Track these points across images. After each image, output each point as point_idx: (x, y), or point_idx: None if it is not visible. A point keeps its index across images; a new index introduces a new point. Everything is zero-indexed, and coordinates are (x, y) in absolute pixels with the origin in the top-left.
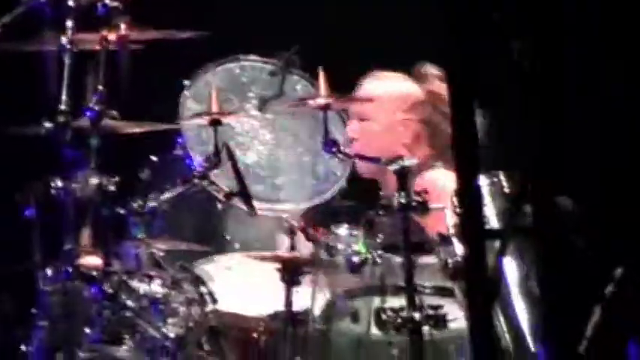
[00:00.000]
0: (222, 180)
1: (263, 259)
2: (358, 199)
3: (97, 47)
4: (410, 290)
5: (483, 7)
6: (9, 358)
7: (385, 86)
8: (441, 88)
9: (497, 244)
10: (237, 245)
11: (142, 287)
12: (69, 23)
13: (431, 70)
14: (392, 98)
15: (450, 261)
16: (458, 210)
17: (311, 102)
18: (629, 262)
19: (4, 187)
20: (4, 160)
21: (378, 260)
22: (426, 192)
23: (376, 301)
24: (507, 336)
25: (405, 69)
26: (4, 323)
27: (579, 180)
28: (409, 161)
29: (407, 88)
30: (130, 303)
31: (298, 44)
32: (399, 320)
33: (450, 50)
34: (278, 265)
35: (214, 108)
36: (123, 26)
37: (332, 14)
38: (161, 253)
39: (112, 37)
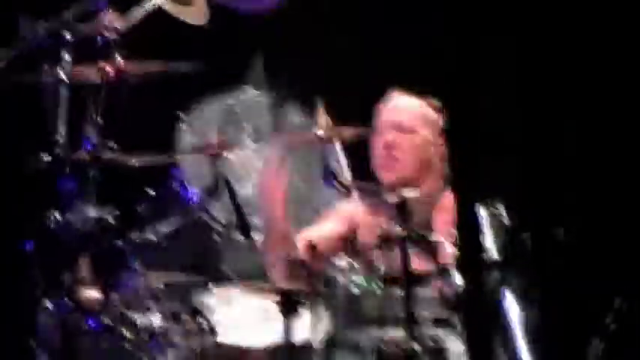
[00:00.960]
0: (220, 212)
1: (262, 291)
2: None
3: (95, 80)
4: (409, 322)
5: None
6: None
7: (417, 104)
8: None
9: (496, 276)
10: (234, 277)
11: (140, 320)
12: (66, 56)
13: (437, 104)
14: (427, 119)
15: (448, 292)
16: (458, 239)
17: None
18: (628, 293)
19: (8, 220)
20: (6, 192)
21: (379, 292)
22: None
23: (376, 333)
24: None
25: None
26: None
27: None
28: (410, 192)
29: (432, 113)
30: (129, 336)
31: (294, 80)
32: (399, 351)
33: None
34: (276, 297)
35: (213, 139)
36: (121, 59)
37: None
38: (160, 286)
39: (109, 69)
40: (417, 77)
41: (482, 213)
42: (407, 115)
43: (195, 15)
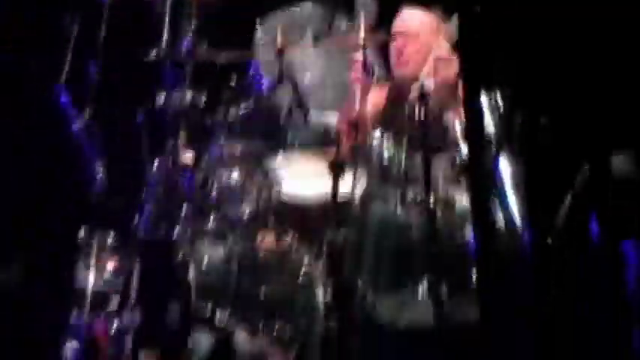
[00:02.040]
0: (285, 96)
1: (316, 156)
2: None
3: None
4: (427, 181)
5: None
6: (124, 224)
7: (425, 15)
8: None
9: (494, 146)
10: (296, 146)
11: (225, 176)
12: None
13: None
14: (432, 22)
15: (458, 159)
16: (465, 120)
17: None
18: (595, 162)
19: (122, 101)
20: (121, 80)
21: (404, 158)
22: None
23: (401, 189)
24: (501, 217)
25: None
26: (120, 204)
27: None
28: (428, 81)
29: (437, 23)
30: (215, 188)
31: None
32: (419, 203)
33: None
34: (327, 161)
35: (281, 41)
36: None
37: None
38: (239, 151)
39: None
40: None
41: (484, 100)
42: (413, 24)
43: None
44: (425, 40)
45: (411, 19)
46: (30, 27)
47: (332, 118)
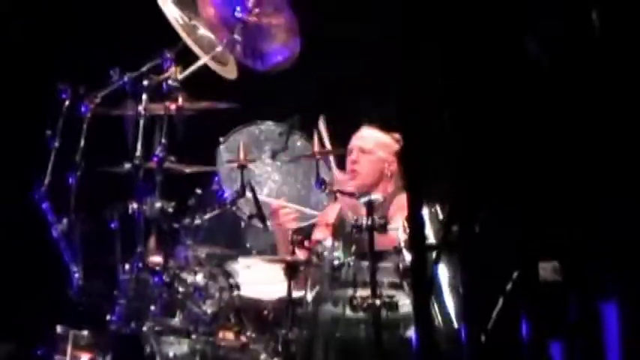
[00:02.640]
0: (246, 206)
1: (272, 261)
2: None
3: (162, 113)
4: (373, 284)
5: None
6: (98, 324)
7: (377, 134)
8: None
9: (433, 254)
10: (254, 251)
11: (189, 278)
12: (144, 96)
13: (399, 137)
14: (387, 142)
15: (401, 265)
16: (407, 230)
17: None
18: (525, 269)
19: (96, 208)
20: (97, 189)
21: (351, 264)
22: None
23: (350, 292)
24: (439, 318)
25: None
26: (94, 301)
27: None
28: (375, 196)
29: (391, 142)
30: (181, 289)
31: (298, 114)
32: (365, 305)
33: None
34: (282, 265)
35: (242, 157)
36: (180, 99)
37: (321, 92)
38: (203, 255)
39: (172, 106)
40: (386, 115)
41: (425, 210)
42: (367, 141)
43: (229, 71)
44: (376, 157)
45: (368, 137)
46: (17, 137)
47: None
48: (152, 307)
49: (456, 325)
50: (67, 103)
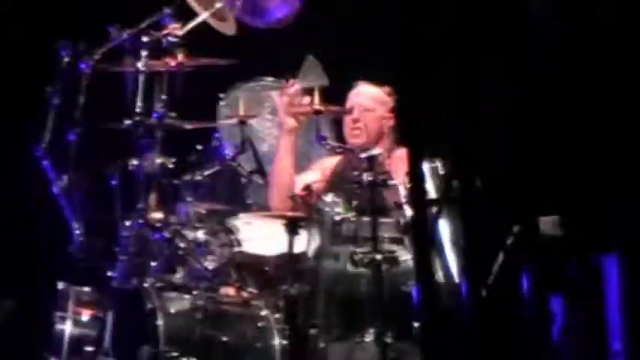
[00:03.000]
0: (246, 162)
1: (273, 217)
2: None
3: (162, 69)
4: (374, 240)
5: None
6: (100, 281)
7: (373, 90)
8: None
9: (434, 209)
10: (255, 207)
11: (190, 234)
12: (143, 53)
13: (389, 89)
14: (384, 98)
15: (402, 220)
16: (408, 186)
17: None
18: (525, 224)
19: (97, 164)
20: (98, 146)
21: (353, 219)
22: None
23: (351, 247)
24: (440, 272)
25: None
26: (95, 258)
27: (487, 165)
28: (376, 151)
29: (386, 96)
30: (182, 245)
31: (297, 71)
32: (366, 260)
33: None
34: (283, 221)
35: (241, 113)
36: (180, 55)
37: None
38: (203, 212)
39: (172, 62)
40: (379, 70)
41: (425, 166)
42: (367, 99)
43: (228, 28)
44: (377, 114)
45: (366, 95)
46: (17, 94)
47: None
48: (153, 264)
49: (457, 279)
50: (66, 60)
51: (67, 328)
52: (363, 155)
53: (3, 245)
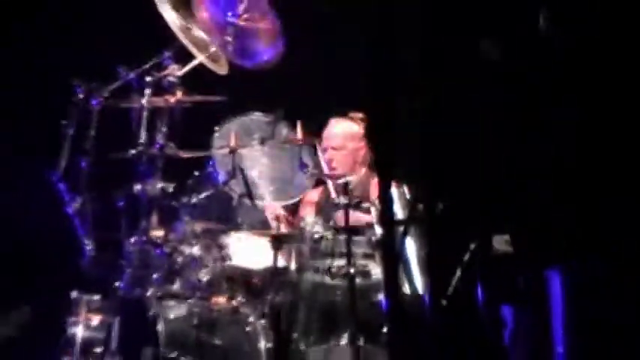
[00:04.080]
0: (237, 187)
1: (260, 234)
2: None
3: (163, 105)
4: (348, 255)
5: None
6: (106, 287)
7: (345, 127)
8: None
9: (401, 229)
10: (244, 226)
11: (187, 250)
12: (147, 91)
13: (361, 115)
14: (352, 135)
15: (373, 238)
16: (379, 207)
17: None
18: (480, 242)
19: (106, 188)
20: (106, 172)
21: (330, 237)
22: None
23: (328, 261)
24: (406, 284)
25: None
26: (104, 270)
27: (447, 191)
28: (349, 178)
29: (356, 128)
30: (179, 259)
31: (282, 106)
32: (342, 273)
33: (371, 104)
34: (269, 238)
35: (233, 143)
36: (179, 93)
37: (302, 86)
38: (199, 230)
39: (172, 99)
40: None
41: (394, 190)
42: (337, 139)
43: (221, 68)
44: (348, 150)
45: (337, 135)
46: (37, 127)
47: (274, 204)
48: (155, 275)
49: (421, 291)
50: (80, 97)
51: (79, 331)
52: (339, 182)
53: (23, 259)
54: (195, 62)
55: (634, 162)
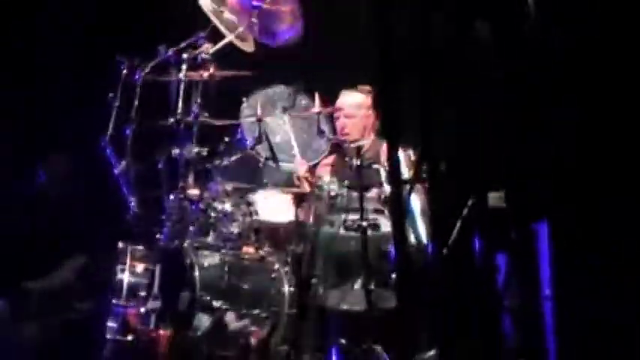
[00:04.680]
0: (262, 151)
1: (284, 191)
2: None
3: (197, 79)
4: (361, 210)
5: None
6: (149, 239)
7: (355, 97)
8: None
9: (407, 187)
10: (269, 185)
11: (219, 206)
12: (183, 66)
13: (369, 88)
14: (361, 104)
15: (382, 195)
16: (387, 168)
17: (310, 110)
18: (477, 198)
19: (148, 152)
20: (148, 138)
21: (344, 194)
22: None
23: (343, 216)
24: (412, 236)
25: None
26: (147, 224)
27: (449, 153)
28: (362, 142)
29: (364, 98)
30: (213, 214)
31: (301, 79)
32: (355, 226)
33: (381, 81)
34: (291, 196)
35: (259, 112)
36: (211, 68)
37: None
38: (229, 189)
39: (205, 74)
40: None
41: (400, 153)
42: (349, 108)
43: (248, 46)
44: (358, 117)
45: (348, 104)
46: (88, 98)
47: (295, 165)
48: (191, 228)
49: (425, 241)
50: (124, 72)
51: (126, 277)
52: (352, 145)
53: (76, 216)
54: (225, 41)
55: (634, 162)
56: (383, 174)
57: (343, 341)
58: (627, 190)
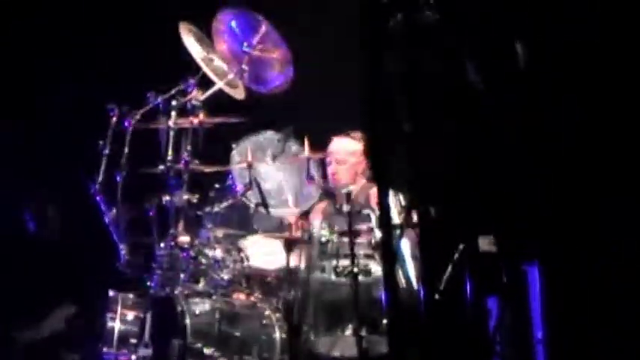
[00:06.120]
0: (253, 197)
1: (275, 238)
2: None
3: (187, 126)
4: (352, 256)
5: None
6: (140, 286)
7: (347, 144)
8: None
9: (398, 232)
10: (260, 231)
11: (210, 253)
12: (173, 113)
13: (360, 134)
14: (353, 151)
15: (373, 241)
16: (378, 213)
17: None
18: (468, 243)
19: (138, 200)
20: (138, 186)
21: (335, 240)
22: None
23: (334, 262)
24: (403, 281)
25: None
26: (137, 272)
27: (439, 198)
28: (352, 187)
29: (356, 145)
30: (204, 261)
31: (291, 125)
32: (346, 272)
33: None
34: (282, 242)
35: (249, 159)
36: (201, 115)
37: (309, 108)
38: (220, 235)
39: (195, 121)
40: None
41: (391, 197)
42: (340, 154)
43: (238, 93)
44: (351, 163)
45: (338, 150)
46: (76, 147)
47: (285, 211)
48: (182, 276)
49: (415, 286)
50: (114, 119)
51: (116, 325)
52: (343, 191)
53: (67, 263)
54: (215, 88)
55: (634, 161)
56: (373, 219)
57: None
58: (617, 229)
